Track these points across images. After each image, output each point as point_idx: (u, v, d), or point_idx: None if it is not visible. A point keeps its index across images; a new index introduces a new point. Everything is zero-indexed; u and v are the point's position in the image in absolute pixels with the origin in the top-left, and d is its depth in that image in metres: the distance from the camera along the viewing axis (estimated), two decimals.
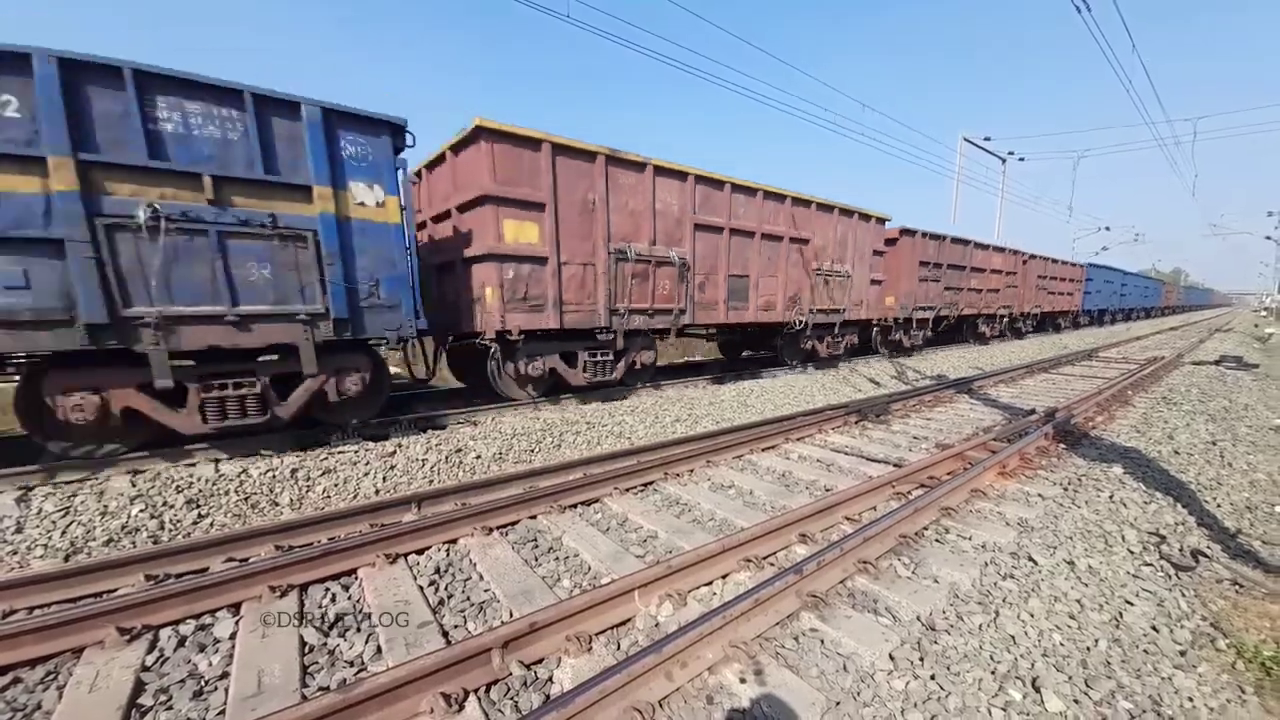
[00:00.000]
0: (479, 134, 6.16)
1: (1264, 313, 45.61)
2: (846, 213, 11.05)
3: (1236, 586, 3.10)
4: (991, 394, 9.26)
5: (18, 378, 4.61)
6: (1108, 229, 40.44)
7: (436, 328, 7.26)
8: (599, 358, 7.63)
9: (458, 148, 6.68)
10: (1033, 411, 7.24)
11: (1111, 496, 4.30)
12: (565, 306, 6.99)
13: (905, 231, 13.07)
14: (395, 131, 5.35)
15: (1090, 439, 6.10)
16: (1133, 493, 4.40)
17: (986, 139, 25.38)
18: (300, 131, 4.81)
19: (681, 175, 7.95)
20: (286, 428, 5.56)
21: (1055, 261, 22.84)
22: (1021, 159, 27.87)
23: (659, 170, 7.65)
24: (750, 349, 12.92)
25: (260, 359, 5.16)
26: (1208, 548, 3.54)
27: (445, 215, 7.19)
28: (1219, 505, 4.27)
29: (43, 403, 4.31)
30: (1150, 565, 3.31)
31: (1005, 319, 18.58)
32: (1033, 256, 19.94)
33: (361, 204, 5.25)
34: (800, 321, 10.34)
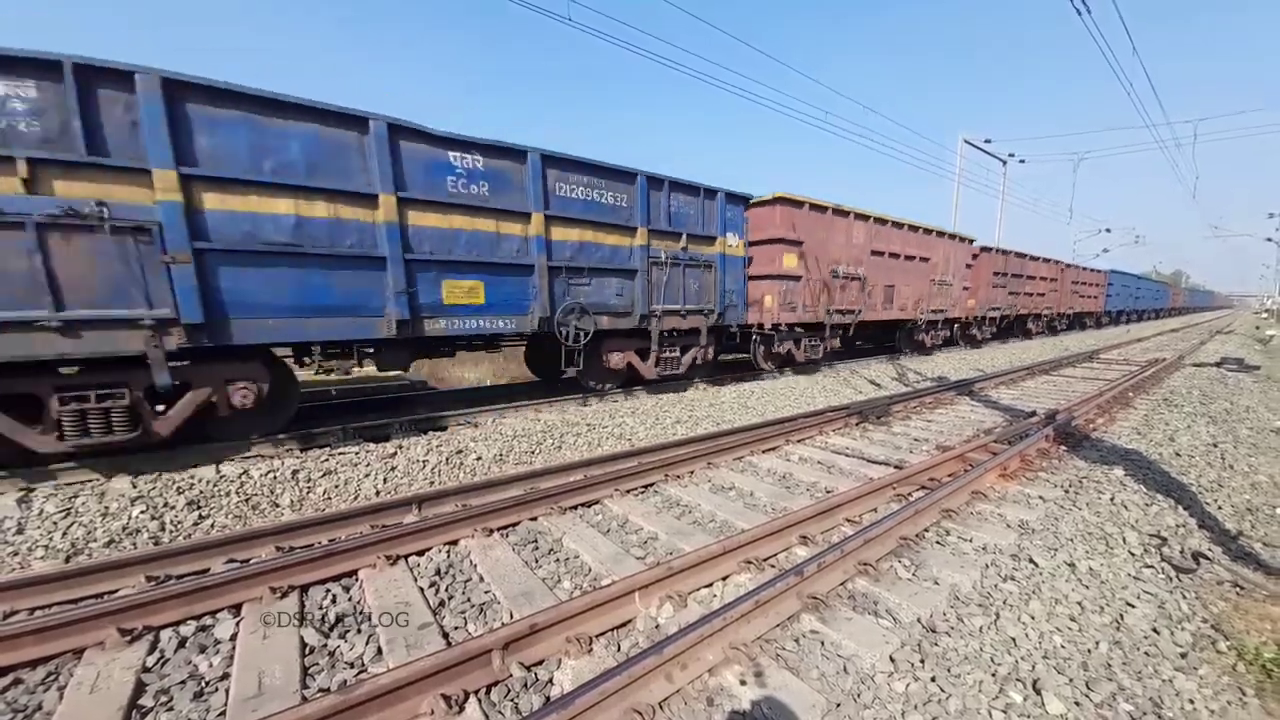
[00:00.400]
0: (776, 201, 9.85)
1: (1265, 314, 45.54)
2: (951, 236, 14.82)
3: (1237, 589, 3.10)
4: (992, 395, 9.25)
5: None
6: (1108, 231, 40.44)
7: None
8: (814, 343, 11.25)
9: (756, 205, 9.86)
10: (1034, 413, 7.24)
11: (1112, 498, 4.30)
12: (807, 309, 10.53)
13: (985, 249, 17.04)
14: (746, 202, 9.26)
15: (1091, 441, 6.09)
16: (1134, 495, 4.39)
17: (987, 141, 25.40)
18: (714, 206, 8.69)
19: (865, 218, 11.60)
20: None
21: (1084, 269, 27.79)
22: (1022, 161, 27.89)
23: (856, 215, 11.37)
24: (874, 342, 15.53)
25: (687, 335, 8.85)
26: (1209, 550, 3.53)
27: None
28: (1220, 507, 4.27)
29: None
30: (1151, 567, 3.31)
31: (1047, 318, 23.14)
32: (1069, 265, 24.73)
33: (731, 245, 9.03)
34: (921, 319, 14.14)
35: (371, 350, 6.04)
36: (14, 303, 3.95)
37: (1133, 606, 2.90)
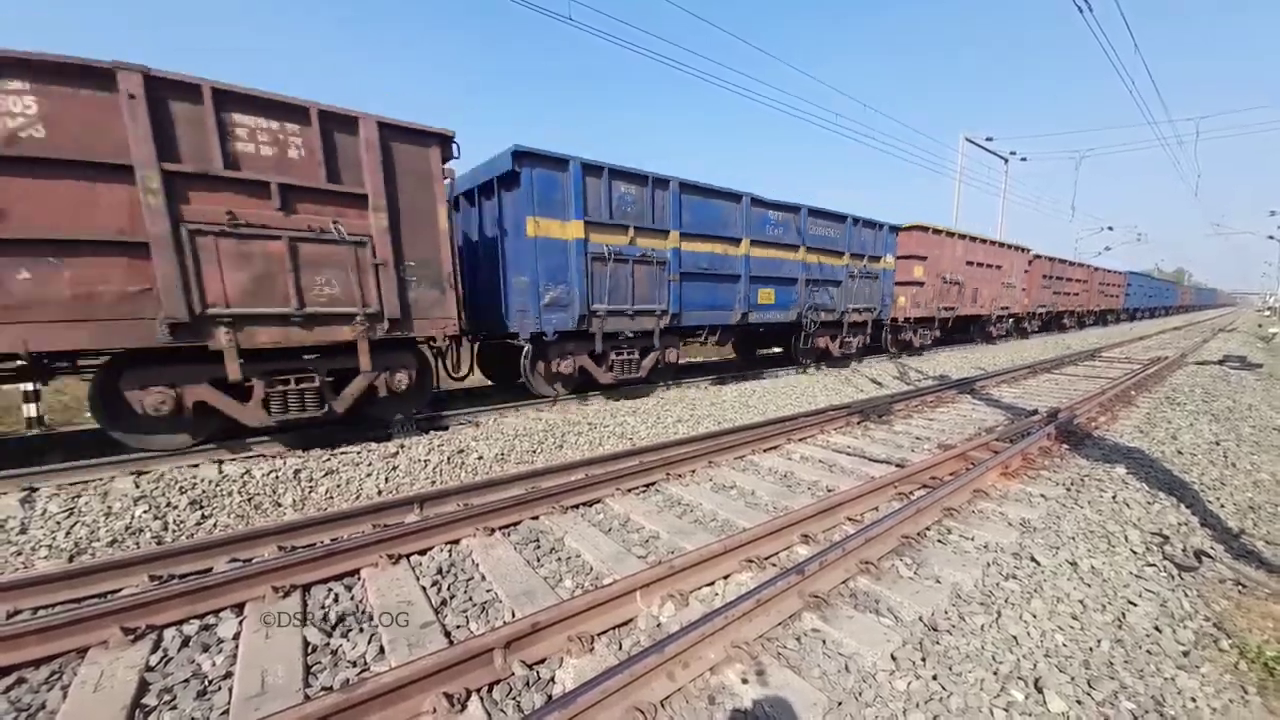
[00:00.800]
0: (913, 228, 13.95)
1: (1268, 312, 45.42)
2: (1014, 247, 18.69)
3: (1240, 587, 3.09)
4: (994, 394, 9.24)
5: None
6: (1110, 229, 40.37)
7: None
8: (925, 332, 15.36)
9: (900, 230, 13.59)
10: (1035, 412, 7.24)
11: (1114, 497, 4.29)
12: (925, 306, 14.39)
13: (1037, 256, 19.97)
14: (894, 229, 13.08)
15: (1093, 439, 6.09)
16: (1136, 493, 4.39)
17: (988, 139, 25.36)
18: (882, 234, 12.59)
19: (964, 236, 15.58)
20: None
21: (1109, 271, 29.63)
22: (1023, 159, 27.85)
23: (959, 235, 15.38)
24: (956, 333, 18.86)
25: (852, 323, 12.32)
26: (1211, 548, 3.53)
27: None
28: (1222, 506, 4.26)
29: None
30: (1153, 566, 3.31)
31: (1079, 314, 26.31)
32: (1097, 269, 26.37)
33: (888, 262, 12.99)
34: (994, 314, 17.83)
35: (716, 335, 9.64)
36: (643, 299, 8.01)
37: (1135, 605, 2.89)
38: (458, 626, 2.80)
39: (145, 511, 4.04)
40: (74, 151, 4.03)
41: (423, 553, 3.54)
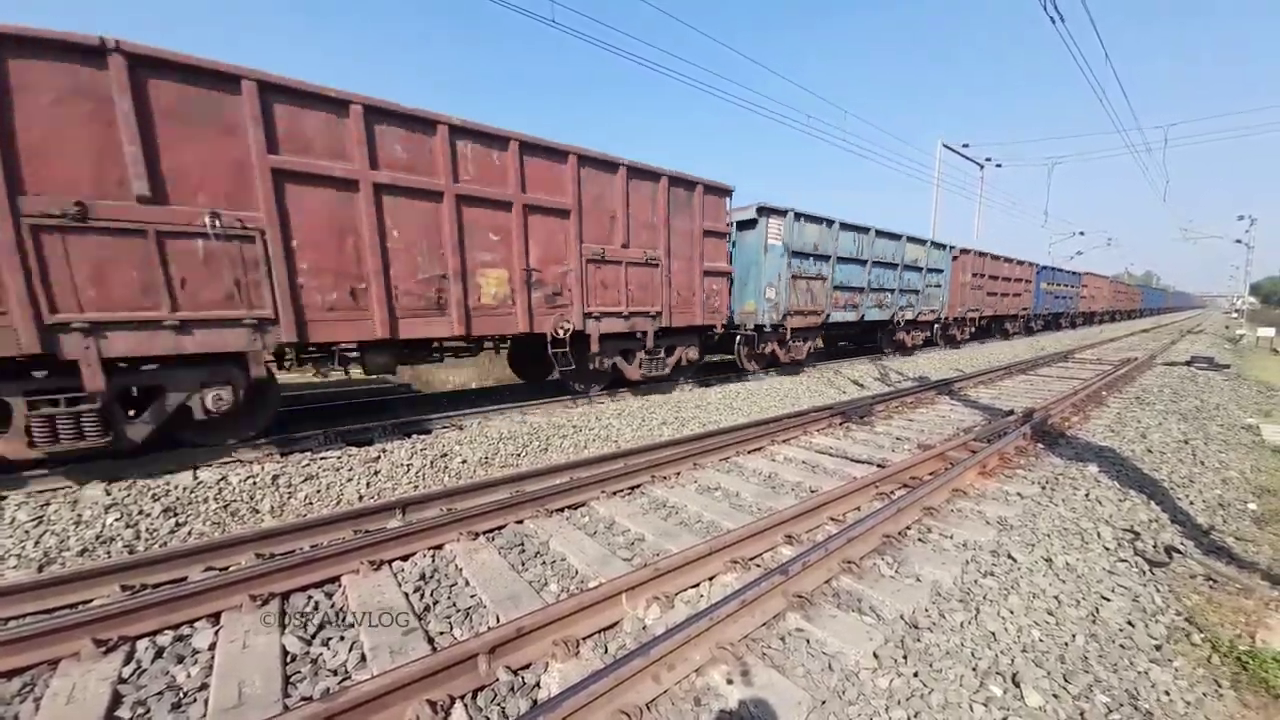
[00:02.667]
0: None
1: (1235, 314, 46.91)
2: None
3: (1210, 582, 3.18)
4: (971, 395, 9.41)
5: None
6: (1082, 234, 41.34)
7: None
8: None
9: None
10: (1011, 412, 7.38)
11: (1087, 494, 4.40)
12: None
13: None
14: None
15: (1067, 438, 6.23)
16: (1108, 491, 4.50)
17: (965, 145, 25.84)
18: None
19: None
20: None
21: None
22: (999, 165, 28.41)
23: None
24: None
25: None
26: (1181, 544, 3.63)
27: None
28: (1192, 502, 4.39)
29: None
30: (1125, 562, 3.39)
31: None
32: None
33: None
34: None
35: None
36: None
37: (1108, 600, 2.97)
38: (441, 632, 2.77)
39: (117, 519, 3.93)
40: None
41: (405, 558, 3.50)
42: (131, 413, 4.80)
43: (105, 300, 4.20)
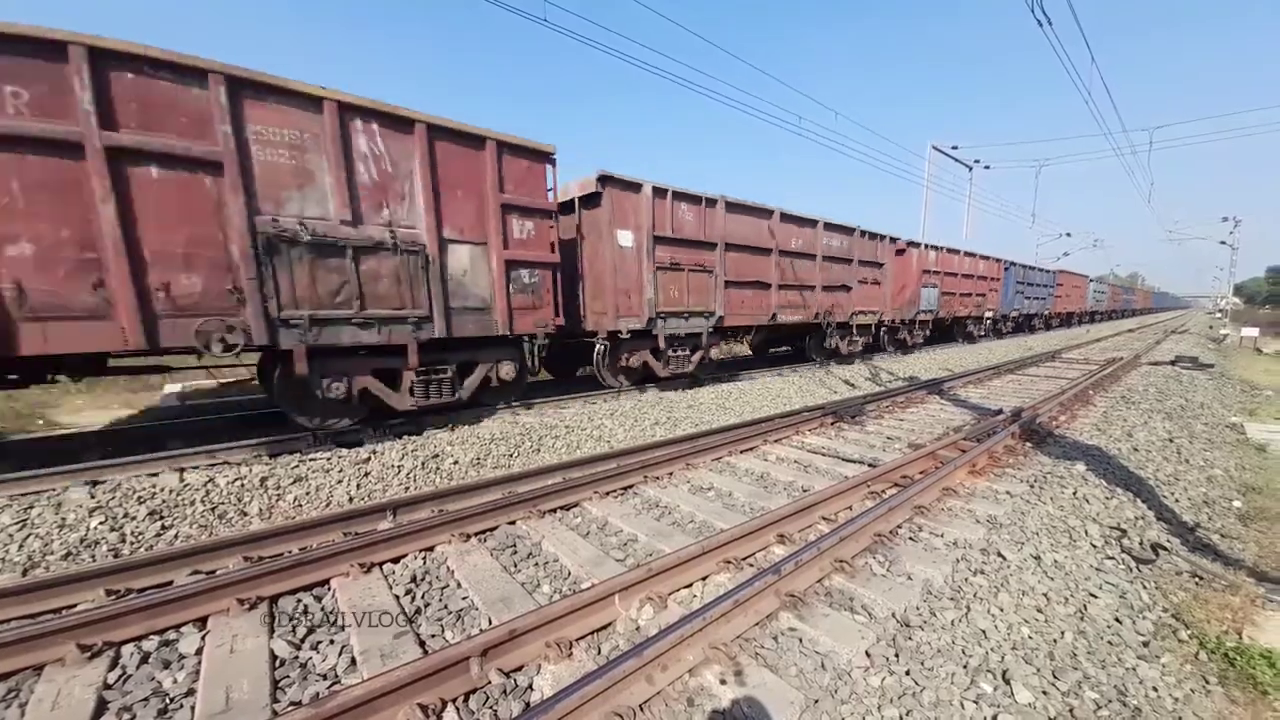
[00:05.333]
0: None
1: (1218, 315, 47.60)
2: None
3: (1196, 579, 3.22)
4: (961, 394, 9.48)
5: None
6: (1068, 235, 41.77)
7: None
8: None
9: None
10: (1000, 411, 7.44)
11: (1075, 493, 4.44)
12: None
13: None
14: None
15: (1054, 437, 6.29)
16: (1095, 489, 4.55)
17: (954, 147, 26.03)
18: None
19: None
20: None
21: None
22: (987, 167, 28.64)
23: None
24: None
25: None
26: (1167, 542, 3.67)
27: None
28: (1177, 500, 4.44)
29: None
30: (1112, 559, 3.43)
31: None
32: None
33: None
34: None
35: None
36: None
37: (1095, 597, 3.00)
38: (433, 635, 2.75)
39: (101, 523, 3.87)
40: None
41: (396, 560, 3.47)
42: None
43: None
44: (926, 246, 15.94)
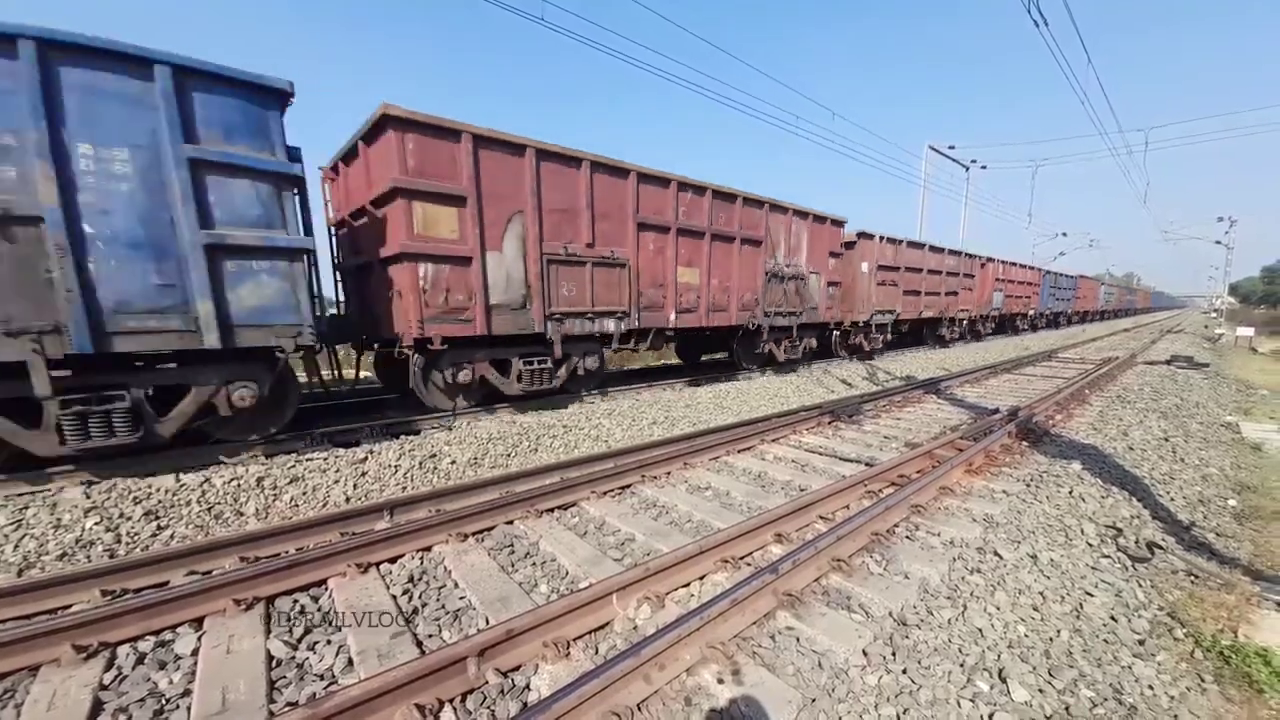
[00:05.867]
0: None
1: (1214, 314, 47.80)
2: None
3: (1192, 578, 3.24)
4: (958, 394, 9.51)
5: None
6: (1064, 235, 41.94)
7: None
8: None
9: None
10: (996, 410, 7.46)
11: (1071, 492, 4.46)
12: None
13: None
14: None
15: (1051, 436, 6.31)
16: (1091, 488, 4.56)
17: (951, 147, 26.10)
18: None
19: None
20: None
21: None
22: (984, 167, 28.72)
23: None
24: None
25: None
26: (1162, 540, 3.69)
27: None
28: (1172, 499, 4.46)
29: None
30: (1108, 557, 3.44)
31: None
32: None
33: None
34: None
35: None
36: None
37: (1091, 595, 3.01)
38: (430, 635, 2.75)
39: (97, 523, 3.86)
40: None
41: (393, 560, 3.46)
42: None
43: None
44: (1000, 262, 21.27)
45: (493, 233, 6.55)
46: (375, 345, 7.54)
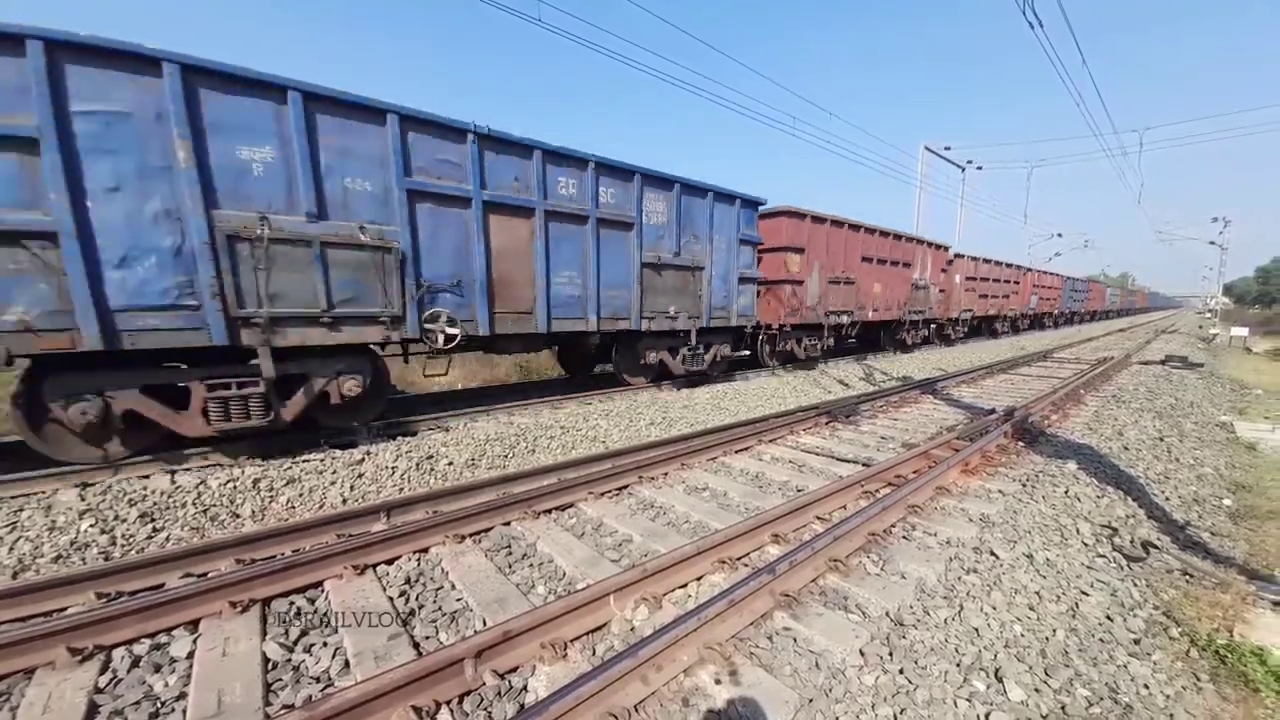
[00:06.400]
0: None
1: (1208, 314, 48.03)
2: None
3: (1187, 577, 3.25)
4: (954, 394, 9.53)
5: None
6: (1059, 235, 42.11)
7: None
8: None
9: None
10: (993, 410, 7.48)
11: (1066, 491, 4.47)
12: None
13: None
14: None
15: (1046, 436, 6.33)
16: (1086, 487, 4.58)
17: (946, 148, 26.17)
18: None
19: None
20: None
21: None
22: (979, 168, 28.81)
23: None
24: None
25: None
26: (1158, 539, 3.71)
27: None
28: (1168, 498, 4.48)
29: None
30: (1104, 557, 3.46)
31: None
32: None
33: None
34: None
35: None
36: None
37: (1087, 595, 3.02)
38: (427, 637, 2.74)
39: (92, 525, 3.84)
40: None
41: (390, 562, 3.46)
42: None
43: None
44: (1036, 271, 26.37)
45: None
46: None
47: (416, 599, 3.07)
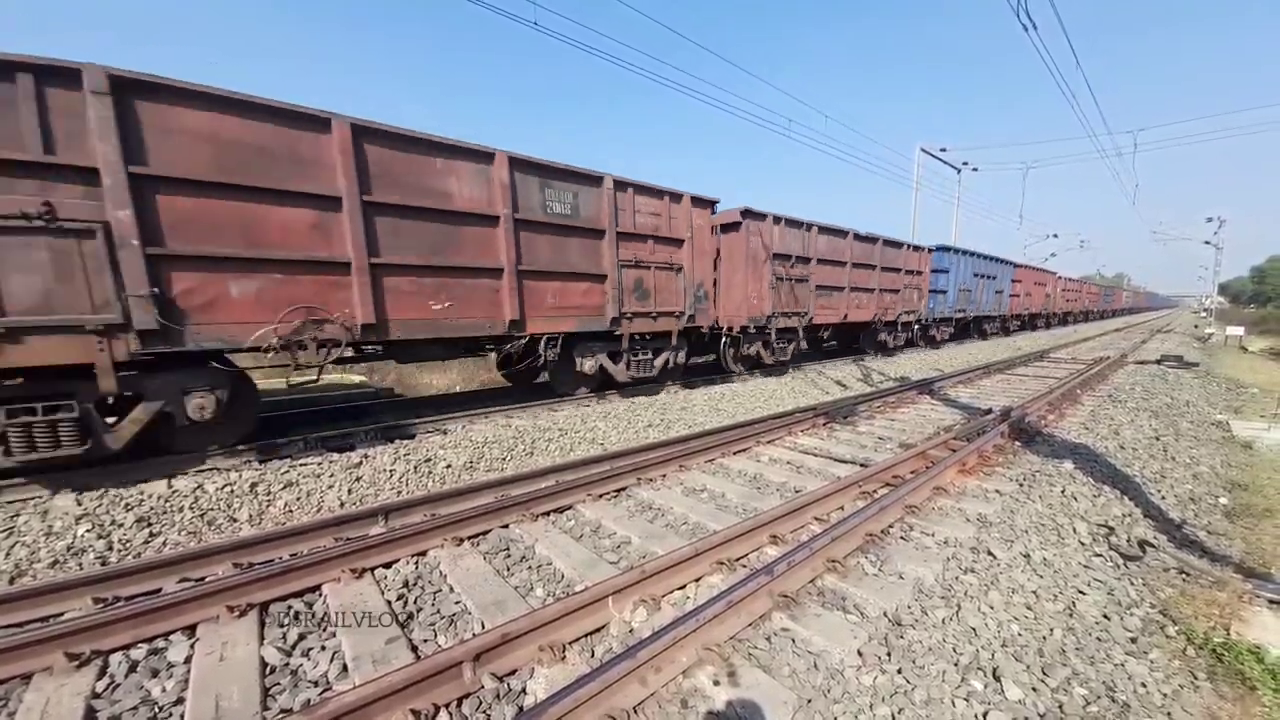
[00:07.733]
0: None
1: (1204, 314, 48.23)
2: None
3: (1183, 575, 3.26)
4: (951, 394, 9.55)
5: None
6: (1055, 236, 42.27)
7: None
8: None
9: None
10: (990, 411, 7.50)
11: (1063, 491, 4.49)
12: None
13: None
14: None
15: (1043, 436, 6.35)
16: (1083, 487, 4.59)
17: (943, 150, 26.26)
18: None
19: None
20: None
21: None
22: (975, 169, 28.92)
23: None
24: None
25: None
26: (1154, 538, 3.72)
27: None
28: (1164, 497, 4.50)
29: None
30: (1100, 556, 3.47)
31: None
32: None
33: None
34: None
35: None
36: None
37: (1084, 594, 3.03)
38: (425, 640, 2.74)
39: (88, 530, 3.83)
40: None
41: (388, 565, 3.45)
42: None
43: None
44: (1063, 277, 32.15)
45: None
46: None
47: (415, 602, 3.06)
